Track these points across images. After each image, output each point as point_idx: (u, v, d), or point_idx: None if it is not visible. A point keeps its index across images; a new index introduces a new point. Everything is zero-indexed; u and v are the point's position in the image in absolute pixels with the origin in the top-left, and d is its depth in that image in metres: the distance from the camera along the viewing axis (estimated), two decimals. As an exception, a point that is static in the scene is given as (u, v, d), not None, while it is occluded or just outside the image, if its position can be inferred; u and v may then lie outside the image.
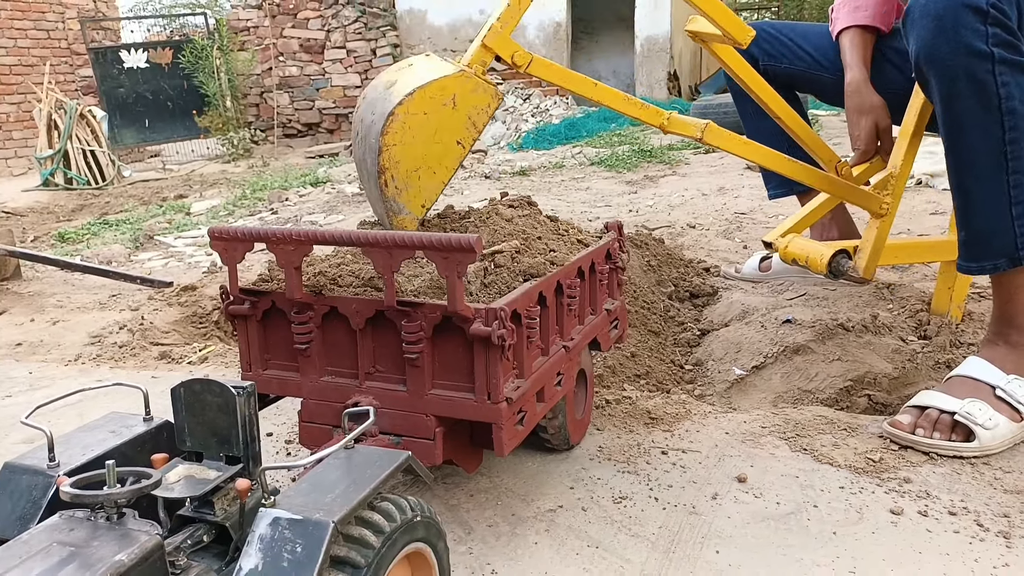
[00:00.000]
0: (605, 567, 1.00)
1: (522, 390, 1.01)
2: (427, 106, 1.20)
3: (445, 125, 1.23)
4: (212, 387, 0.77)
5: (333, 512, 0.66)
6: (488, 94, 1.26)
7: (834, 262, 1.56)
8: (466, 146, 1.26)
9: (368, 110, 1.26)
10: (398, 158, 1.20)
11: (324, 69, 9.24)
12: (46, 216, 5.17)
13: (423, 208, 1.25)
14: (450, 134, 1.23)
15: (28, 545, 0.64)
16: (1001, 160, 1.23)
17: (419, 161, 1.22)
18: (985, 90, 1.21)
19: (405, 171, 1.22)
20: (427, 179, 1.24)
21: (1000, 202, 1.26)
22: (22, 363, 1.95)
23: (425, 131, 1.21)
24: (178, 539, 0.73)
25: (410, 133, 1.20)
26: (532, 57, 1.33)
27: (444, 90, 1.21)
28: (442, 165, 1.25)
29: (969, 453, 1.22)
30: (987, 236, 1.29)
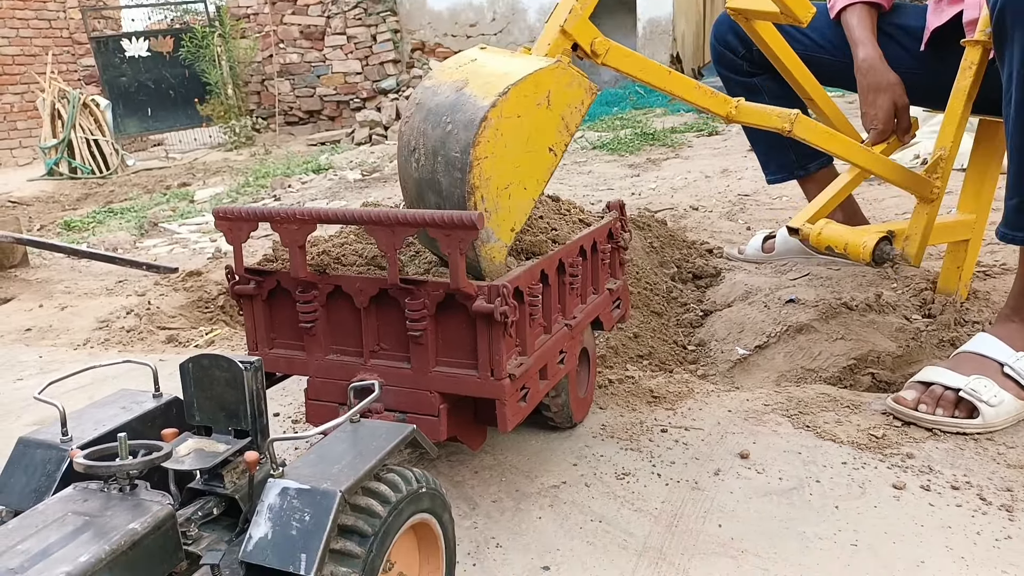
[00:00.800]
0: (608, 541, 1.01)
1: (525, 367, 1.02)
2: (522, 107, 1.01)
3: (540, 129, 1.04)
4: (220, 362, 0.78)
5: (340, 482, 0.67)
6: (583, 88, 1.07)
7: (878, 249, 1.48)
8: (558, 153, 1.07)
9: (435, 118, 1.03)
10: (489, 174, 0.99)
11: (324, 56, 9.21)
12: (51, 205, 5.19)
13: (512, 232, 1.05)
14: (543, 140, 1.04)
15: (44, 515, 0.65)
16: None
17: (511, 175, 1.02)
18: None
19: (496, 189, 1.01)
20: (517, 197, 1.04)
21: None
22: (32, 348, 1.97)
23: (519, 138, 1.01)
24: (189, 511, 0.75)
25: (503, 142, 0.99)
26: (611, 45, 1.19)
27: (539, 86, 1.02)
28: (533, 178, 1.05)
29: (973, 430, 1.23)
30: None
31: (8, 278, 2.76)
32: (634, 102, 6.99)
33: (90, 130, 6.68)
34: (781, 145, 2.02)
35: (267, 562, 0.64)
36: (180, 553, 0.67)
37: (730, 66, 1.98)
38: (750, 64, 1.93)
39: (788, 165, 2.05)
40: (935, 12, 1.69)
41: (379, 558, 0.68)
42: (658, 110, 6.52)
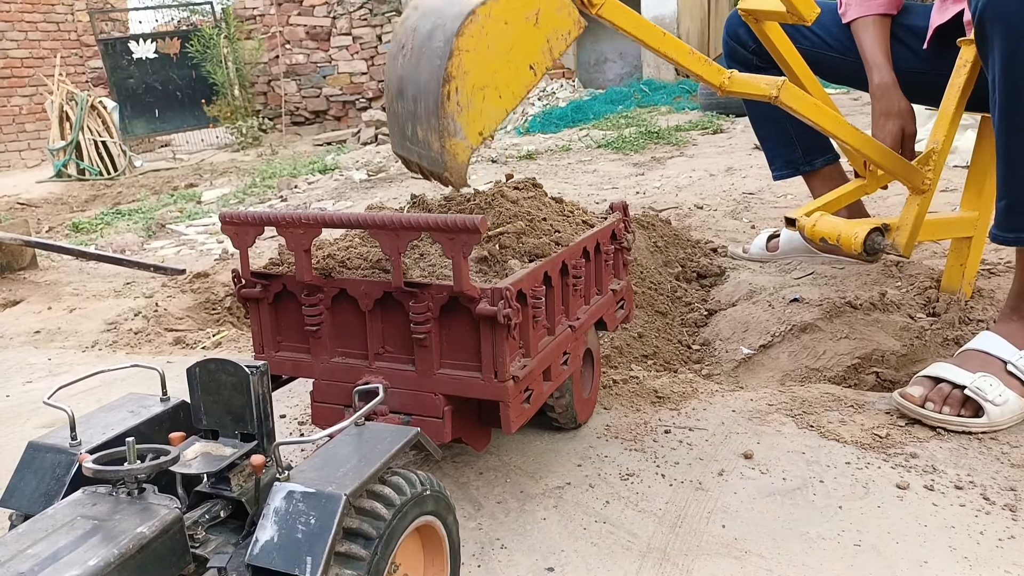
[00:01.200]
0: (612, 541, 1.01)
1: (528, 369, 1.03)
2: (510, 14, 1.06)
3: (523, 42, 1.08)
4: (227, 367, 0.79)
5: (345, 485, 0.68)
6: (571, 19, 1.13)
7: (869, 240, 1.50)
8: (538, 72, 1.12)
9: (425, 17, 1.10)
10: (468, 68, 1.03)
11: (330, 56, 9.23)
12: (60, 207, 5.22)
13: (480, 136, 1.09)
14: (525, 54, 1.09)
15: (53, 519, 0.66)
16: None
17: (488, 78, 1.06)
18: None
19: (471, 86, 1.05)
20: (491, 102, 1.08)
21: None
22: (40, 350, 1.98)
23: (502, 44, 1.06)
24: (196, 514, 0.76)
25: (486, 41, 1.04)
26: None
27: (531, 1, 1.08)
28: (509, 89, 1.09)
29: (978, 429, 1.23)
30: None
31: (17, 280, 2.78)
32: (639, 100, 6.98)
33: (98, 132, 6.72)
34: (788, 141, 2.03)
35: (273, 565, 0.65)
36: (187, 556, 0.68)
37: (741, 60, 1.99)
38: (760, 59, 1.95)
39: (794, 161, 2.05)
40: (939, 10, 1.69)
41: (384, 561, 0.68)
42: (663, 108, 6.51)
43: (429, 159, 1.12)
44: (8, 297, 2.59)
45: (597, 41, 9.42)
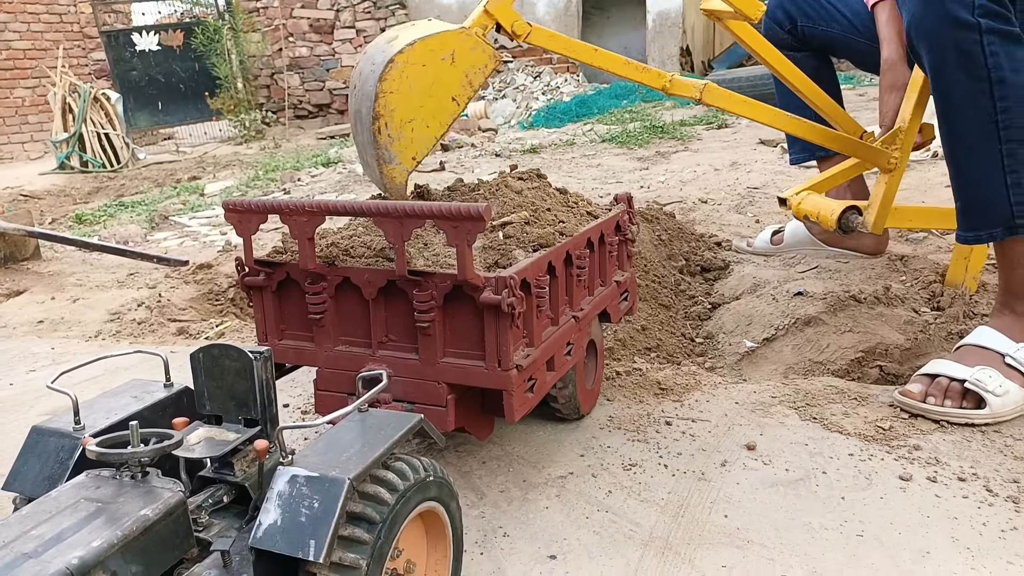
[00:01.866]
0: (615, 530, 1.02)
1: (532, 358, 1.03)
2: (427, 58, 1.23)
3: (443, 80, 1.25)
4: (230, 352, 0.79)
5: (349, 470, 0.68)
6: (486, 54, 1.30)
7: (844, 217, 1.58)
8: (461, 103, 1.28)
9: (367, 62, 1.28)
10: (394, 106, 1.22)
11: (334, 49, 9.22)
12: (63, 199, 5.22)
13: (413, 160, 1.27)
14: (446, 89, 1.26)
15: (57, 501, 0.66)
16: (993, 130, 1.23)
17: (414, 112, 1.24)
18: (973, 61, 1.21)
19: (399, 120, 1.24)
20: (420, 132, 1.26)
21: (994, 172, 1.25)
22: (44, 339, 1.99)
23: (422, 83, 1.23)
24: (199, 499, 0.76)
25: (407, 82, 1.22)
26: (532, 28, 1.38)
27: (444, 44, 1.25)
28: (436, 119, 1.27)
29: (981, 420, 1.23)
30: (982, 206, 1.29)
31: (20, 271, 2.79)
32: (643, 95, 6.96)
33: (101, 124, 6.72)
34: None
35: (276, 548, 0.65)
36: (191, 539, 0.69)
37: (777, 41, 2.01)
38: (794, 40, 1.98)
39: (810, 146, 2.06)
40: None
41: (387, 545, 0.68)
42: (667, 103, 6.49)
43: (377, 181, 1.30)
44: (11, 287, 2.60)
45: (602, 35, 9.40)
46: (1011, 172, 1.24)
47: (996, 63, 1.20)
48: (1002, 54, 1.20)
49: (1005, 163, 1.24)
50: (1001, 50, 1.20)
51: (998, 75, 1.21)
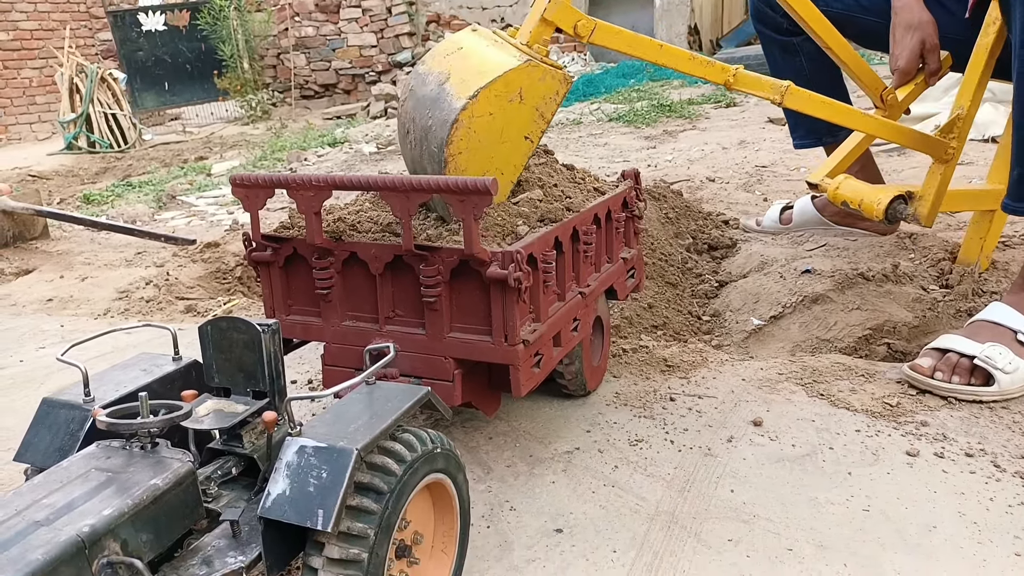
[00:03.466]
0: (621, 504, 1.02)
1: (538, 333, 1.03)
2: (493, 106, 1.08)
3: (512, 122, 1.11)
4: (238, 325, 0.79)
5: (357, 440, 0.68)
6: (557, 80, 1.13)
7: (891, 208, 1.49)
8: (534, 140, 1.15)
9: (422, 109, 1.12)
10: (464, 167, 1.09)
11: (340, 29, 9.15)
12: (71, 179, 5.23)
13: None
14: (517, 130, 1.12)
15: (68, 471, 0.67)
16: None
17: (486, 165, 1.11)
18: None
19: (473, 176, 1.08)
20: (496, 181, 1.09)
21: None
22: (53, 317, 2.00)
23: (492, 133, 1.09)
24: (208, 470, 0.76)
25: (476, 138, 1.08)
26: (596, 24, 1.23)
27: (509, 85, 1.09)
28: (510, 164, 1.14)
29: (989, 397, 1.22)
30: None
31: (29, 250, 2.80)
32: (651, 74, 6.89)
33: (108, 104, 6.71)
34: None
35: (285, 517, 0.65)
36: (200, 509, 0.69)
37: (770, 24, 1.96)
38: (790, 23, 1.92)
39: (817, 131, 2.02)
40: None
41: (395, 515, 0.69)
42: (675, 82, 6.43)
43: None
44: (20, 266, 2.61)
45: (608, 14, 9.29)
46: None
47: None
48: None
49: None
50: None
51: None
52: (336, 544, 0.65)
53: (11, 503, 0.62)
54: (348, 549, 0.65)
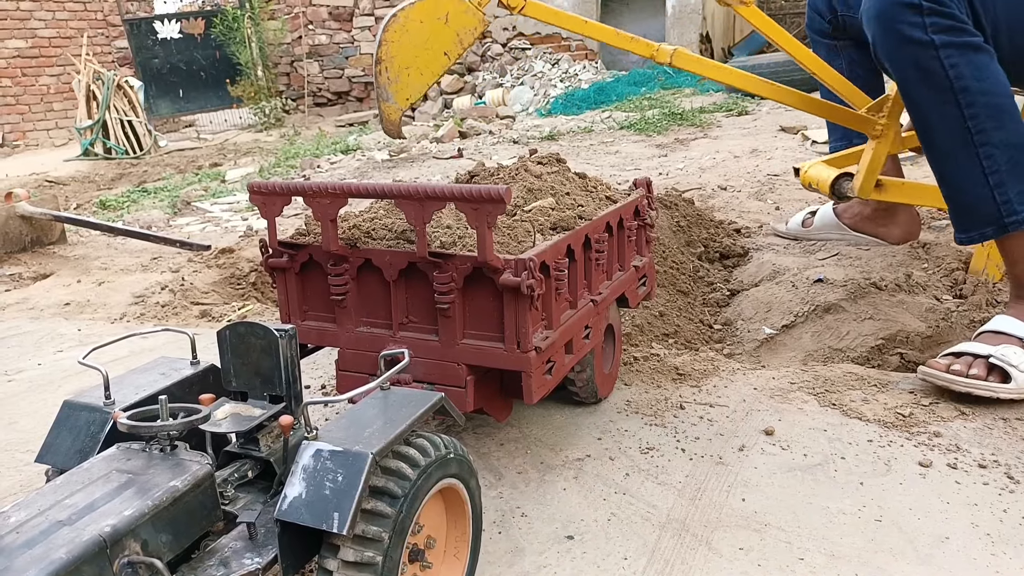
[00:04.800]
0: (632, 512, 1.02)
1: (550, 340, 1.03)
2: (424, 15, 1.57)
3: (437, 36, 1.57)
4: (256, 330, 0.80)
5: (372, 445, 0.69)
6: (476, 19, 1.61)
7: (836, 183, 1.72)
8: (451, 57, 1.66)
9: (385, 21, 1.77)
10: (393, 54, 1.64)
11: (353, 37, 9.22)
12: (87, 185, 5.29)
13: (407, 101, 1.69)
14: (439, 45, 1.58)
15: (89, 472, 0.68)
16: (967, 136, 1.27)
17: (410, 61, 1.62)
18: (934, 75, 1.27)
19: (397, 67, 1.66)
20: (415, 78, 1.60)
21: (975, 175, 1.29)
22: (71, 321, 2.02)
23: (419, 36, 1.58)
24: (225, 473, 0.78)
25: (406, 35, 1.59)
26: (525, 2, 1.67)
27: (439, 6, 1.56)
28: (428, 69, 1.61)
29: (1007, 395, 1.22)
30: (971, 208, 1.32)
31: (47, 255, 2.83)
32: (662, 82, 6.90)
33: (124, 111, 6.78)
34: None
35: (301, 520, 0.66)
36: (218, 511, 0.70)
37: (818, 29, 2.05)
38: (835, 29, 2.01)
39: (849, 134, 2.06)
40: None
41: (409, 519, 0.70)
42: (687, 90, 6.44)
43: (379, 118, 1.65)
44: (38, 271, 2.64)
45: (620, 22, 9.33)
46: (992, 174, 1.27)
47: (958, 73, 1.25)
48: (962, 64, 1.24)
49: (984, 166, 1.27)
50: (961, 60, 1.24)
51: (961, 84, 1.25)
52: (351, 547, 0.66)
53: (34, 503, 0.64)
54: (363, 552, 0.66)
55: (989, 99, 1.25)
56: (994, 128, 1.25)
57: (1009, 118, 1.26)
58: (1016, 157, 1.27)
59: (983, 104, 1.25)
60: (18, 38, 8.22)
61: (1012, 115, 1.27)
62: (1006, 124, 1.26)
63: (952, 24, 1.24)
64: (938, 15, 1.24)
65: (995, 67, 1.27)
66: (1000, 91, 1.26)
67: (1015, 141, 1.27)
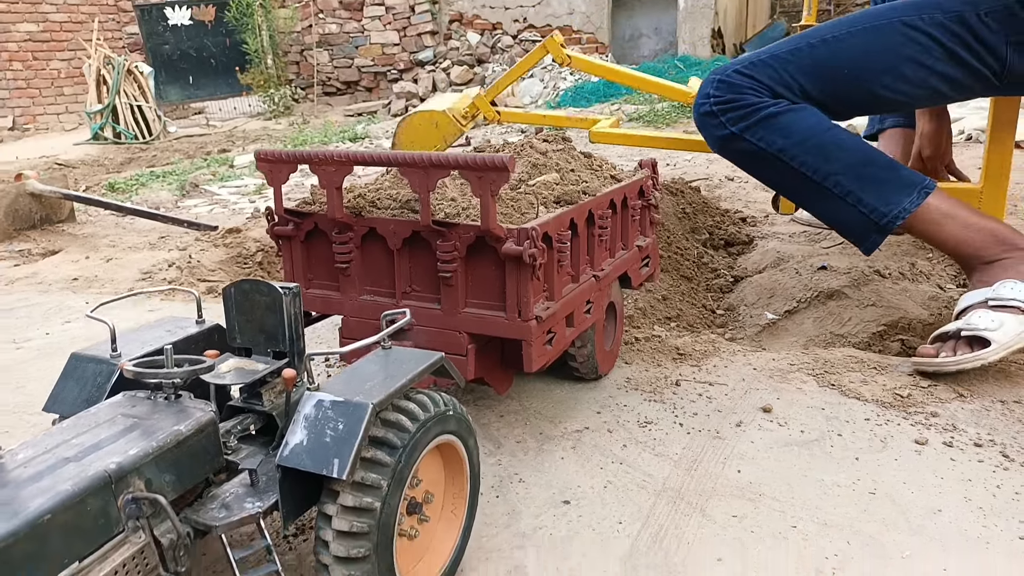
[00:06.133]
0: (628, 480, 1.04)
1: (551, 311, 1.04)
2: (423, 121, 2.40)
3: (429, 135, 2.37)
4: (261, 287, 0.81)
5: (372, 396, 0.70)
6: (457, 129, 2.35)
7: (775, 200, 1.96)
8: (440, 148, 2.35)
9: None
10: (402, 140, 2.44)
11: (363, 26, 9.22)
12: (96, 168, 5.32)
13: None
14: (431, 141, 2.37)
15: (96, 416, 0.70)
16: (809, 180, 1.42)
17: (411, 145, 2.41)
18: (753, 154, 1.44)
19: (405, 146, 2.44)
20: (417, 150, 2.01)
21: (836, 203, 1.43)
22: (78, 294, 2.05)
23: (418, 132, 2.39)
24: (228, 425, 0.79)
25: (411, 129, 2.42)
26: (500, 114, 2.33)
27: (432, 117, 2.38)
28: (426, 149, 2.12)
29: (994, 356, 1.24)
30: (852, 227, 1.45)
31: (56, 232, 2.86)
32: (673, 76, 6.89)
33: (134, 96, 6.81)
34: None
35: (302, 465, 0.67)
36: (221, 458, 0.72)
37: None
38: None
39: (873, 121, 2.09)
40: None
41: (407, 469, 0.71)
42: (697, 85, 6.43)
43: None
44: (47, 247, 2.66)
45: (632, 16, 9.31)
46: (847, 195, 1.41)
47: (768, 143, 1.41)
48: (768, 135, 1.41)
49: (837, 193, 1.41)
50: (765, 133, 1.41)
51: (775, 148, 1.41)
52: (350, 493, 0.67)
53: (42, 442, 0.65)
54: (361, 498, 0.67)
55: (805, 146, 1.40)
56: (824, 163, 1.40)
57: (833, 149, 1.40)
58: (859, 173, 1.40)
59: (803, 152, 1.40)
60: (30, 22, 8.26)
61: (836, 145, 1.40)
62: (832, 155, 1.40)
63: (744, 111, 1.41)
64: (730, 111, 1.42)
65: (799, 119, 1.40)
66: (813, 134, 1.40)
67: (850, 161, 1.40)
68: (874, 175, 1.40)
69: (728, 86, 1.43)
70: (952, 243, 1.40)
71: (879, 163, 1.41)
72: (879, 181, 1.40)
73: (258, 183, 3.91)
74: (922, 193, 1.38)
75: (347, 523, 0.67)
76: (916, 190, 1.39)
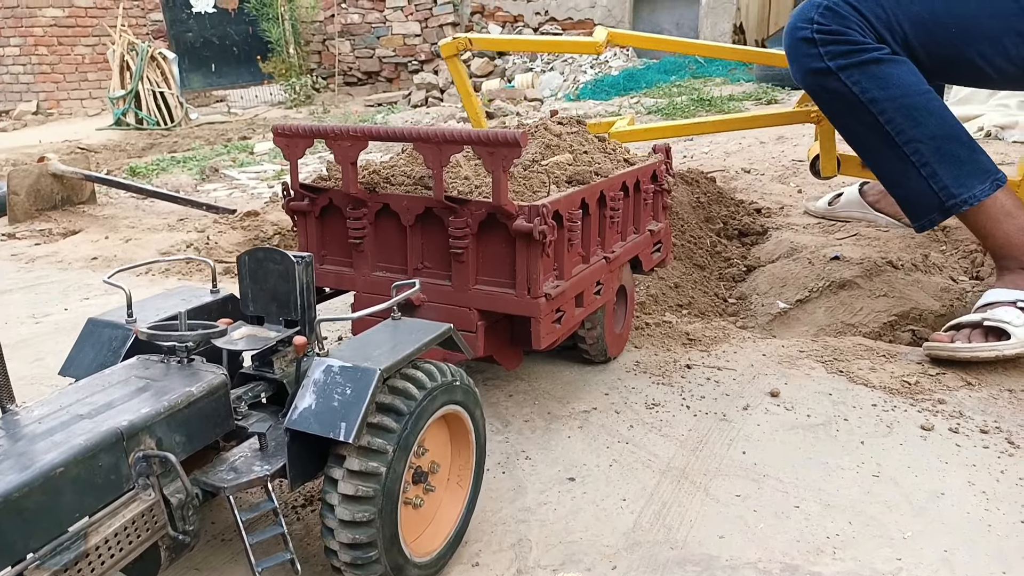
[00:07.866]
0: (634, 459, 1.04)
1: (561, 289, 1.05)
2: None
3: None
4: (274, 256, 0.83)
5: (380, 363, 0.72)
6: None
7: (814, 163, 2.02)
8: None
9: None
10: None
11: (385, 17, 9.24)
12: (118, 153, 5.38)
13: None
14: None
15: (110, 377, 0.72)
16: (889, 139, 1.37)
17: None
18: (842, 95, 1.39)
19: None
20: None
21: (908, 170, 1.38)
22: (97, 273, 2.08)
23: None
24: (239, 391, 0.81)
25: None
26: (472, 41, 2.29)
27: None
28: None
29: (1011, 350, 1.23)
30: (914, 199, 1.42)
31: (77, 213, 2.90)
32: (693, 71, 6.85)
33: (157, 83, 6.87)
34: None
35: (310, 429, 0.69)
36: (231, 420, 0.74)
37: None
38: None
39: None
40: None
41: (413, 436, 0.72)
42: (717, 80, 6.38)
43: None
44: (68, 227, 2.71)
45: (654, 11, 9.25)
46: (923, 166, 1.37)
47: (861, 89, 1.36)
48: (863, 80, 1.35)
49: (913, 160, 1.37)
50: (862, 77, 1.35)
51: (868, 97, 1.36)
52: (356, 457, 0.69)
53: (57, 400, 0.67)
54: (367, 462, 0.69)
55: (898, 103, 1.34)
56: (911, 127, 1.35)
57: (924, 114, 1.35)
58: (941, 146, 1.35)
59: (894, 109, 1.35)
60: (55, 7, 8.35)
61: (927, 110, 1.35)
62: (921, 120, 1.35)
63: (847, 48, 1.35)
64: (832, 43, 1.36)
65: (900, 73, 1.35)
66: (909, 92, 1.35)
67: (936, 132, 1.35)
68: (955, 152, 1.35)
69: (835, 15, 1.35)
70: (1001, 240, 1.37)
71: (962, 141, 1.36)
72: (958, 161, 1.35)
73: (277, 169, 3.94)
74: (994, 184, 1.35)
75: (352, 487, 0.69)
76: (990, 180, 1.35)
